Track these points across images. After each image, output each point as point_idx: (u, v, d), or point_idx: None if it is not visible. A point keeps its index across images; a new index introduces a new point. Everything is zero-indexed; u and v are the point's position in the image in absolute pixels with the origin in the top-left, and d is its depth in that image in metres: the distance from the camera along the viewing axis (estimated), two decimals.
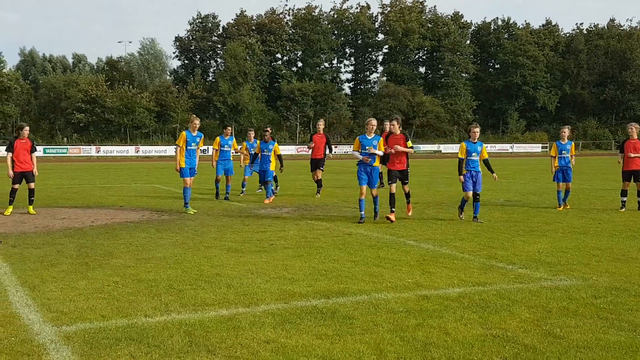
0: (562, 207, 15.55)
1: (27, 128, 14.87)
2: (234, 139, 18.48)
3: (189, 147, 14.77)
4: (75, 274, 8.04)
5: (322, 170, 18.91)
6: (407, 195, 14.02)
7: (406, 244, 10.53)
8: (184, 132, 14.88)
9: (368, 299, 6.90)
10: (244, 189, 19.25)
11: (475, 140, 13.63)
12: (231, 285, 7.43)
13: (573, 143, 16.20)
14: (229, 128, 18.73)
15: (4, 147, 15.67)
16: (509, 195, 19.32)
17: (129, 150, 63.98)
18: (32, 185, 14.71)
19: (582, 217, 14.20)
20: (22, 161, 14.52)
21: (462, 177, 13.50)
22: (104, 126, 72.76)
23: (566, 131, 16.06)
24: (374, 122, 13.59)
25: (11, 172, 14.50)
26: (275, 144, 17.65)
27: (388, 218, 13.06)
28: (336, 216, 14.18)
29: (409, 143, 13.57)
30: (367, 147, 13.15)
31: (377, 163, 13.32)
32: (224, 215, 14.25)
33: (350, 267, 8.57)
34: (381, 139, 13.38)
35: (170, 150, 61.68)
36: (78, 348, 5.27)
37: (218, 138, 18.05)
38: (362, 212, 13.22)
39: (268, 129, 18.23)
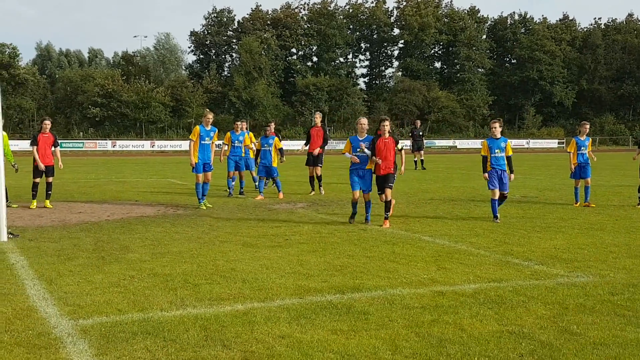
0: (578, 203, 15.35)
1: (48, 122, 14.97)
2: (247, 134, 17.94)
3: (202, 142, 14.48)
4: (92, 267, 8.10)
5: (321, 166, 18.11)
6: (386, 205, 12.19)
7: (421, 239, 10.50)
8: (197, 127, 14.64)
9: (383, 294, 6.89)
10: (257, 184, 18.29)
11: (498, 136, 12.88)
12: (246, 280, 7.45)
13: (590, 139, 16.04)
14: (238, 123, 18.30)
15: (27, 142, 15.76)
16: (525, 191, 19.19)
17: (145, 145, 64.22)
18: (51, 179, 14.84)
19: (599, 213, 14.08)
20: (44, 155, 14.65)
21: (486, 174, 12.81)
22: (119, 121, 73.08)
23: (587, 127, 15.92)
24: (365, 121, 12.65)
25: (42, 165, 14.58)
26: (276, 138, 17.39)
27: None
28: (351, 212, 14.14)
29: (399, 146, 12.38)
30: (358, 150, 12.27)
31: (369, 166, 12.29)
32: (239, 211, 14.28)
33: (365, 262, 8.56)
34: (373, 140, 12.30)
35: (185, 145, 61.75)
36: (95, 341, 5.30)
37: (229, 133, 17.79)
38: (355, 210, 12.51)
39: (271, 124, 18.03)
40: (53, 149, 14.83)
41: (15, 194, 16.50)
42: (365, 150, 12.13)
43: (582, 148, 15.50)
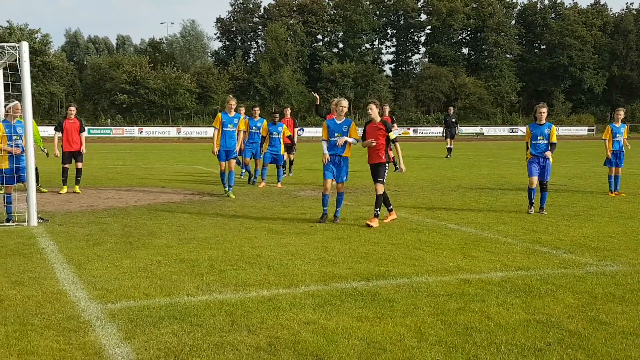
0: (614, 193, 15.02)
1: (73, 108, 15.13)
2: (242, 118, 17.39)
3: (225, 129, 14.11)
4: (120, 252, 8.18)
5: (294, 153, 19.22)
6: (377, 199, 10.70)
7: (447, 227, 10.44)
8: (219, 114, 14.28)
9: (409, 282, 6.86)
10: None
11: (542, 122, 12.13)
12: (271, 267, 7.47)
13: (626, 126, 15.71)
14: (257, 109, 17.92)
15: (53, 127, 15.88)
16: (553, 178, 18.91)
17: (171, 132, 64.58)
18: (80, 165, 15.01)
19: (630, 201, 13.87)
20: (71, 141, 14.82)
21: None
22: (146, 107, 73.63)
23: (621, 113, 15.57)
24: (345, 103, 10.94)
25: (57, 152, 14.83)
26: (284, 125, 17.01)
27: (368, 225, 10.40)
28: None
29: (391, 135, 10.81)
30: (336, 134, 10.82)
31: (347, 153, 10.92)
32: (264, 197, 14.32)
33: (391, 250, 8.53)
34: (352, 123, 10.91)
35: (210, 131, 62.16)
36: (123, 325, 5.36)
37: (247, 120, 16.76)
38: (325, 208, 11.02)
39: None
40: (80, 134, 14.97)
41: (45, 179, 16.74)
42: (349, 139, 10.75)
43: (618, 135, 15.18)
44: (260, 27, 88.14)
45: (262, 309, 5.86)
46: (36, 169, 13.65)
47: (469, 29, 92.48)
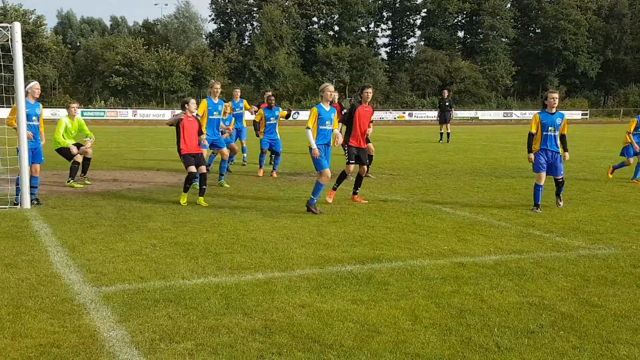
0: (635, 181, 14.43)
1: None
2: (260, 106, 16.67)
3: (210, 117, 12.81)
4: (114, 235, 8.18)
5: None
6: (358, 179, 11.03)
7: (442, 211, 10.46)
8: (204, 100, 12.93)
9: (403, 265, 6.89)
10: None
11: (553, 111, 10.59)
12: (267, 250, 7.48)
13: None
14: (237, 90, 17.11)
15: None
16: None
17: (165, 114, 64.14)
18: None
19: (623, 185, 13.92)
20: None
21: (531, 155, 10.62)
22: (140, 89, 73.30)
23: None
24: (332, 88, 10.59)
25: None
26: (281, 109, 16.02)
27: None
28: (371, 183, 14.12)
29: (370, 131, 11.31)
30: (326, 122, 10.35)
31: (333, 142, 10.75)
32: (260, 181, 14.31)
33: (386, 233, 8.55)
34: (336, 112, 10.70)
35: None
36: (117, 308, 5.37)
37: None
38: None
39: (274, 94, 16.83)
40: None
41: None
42: (337, 133, 10.70)
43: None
44: (255, 9, 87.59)
45: (257, 292, 5.87)
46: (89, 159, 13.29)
47: (465, 13, 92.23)
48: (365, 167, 11.03)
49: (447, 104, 30.10)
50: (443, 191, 12.81)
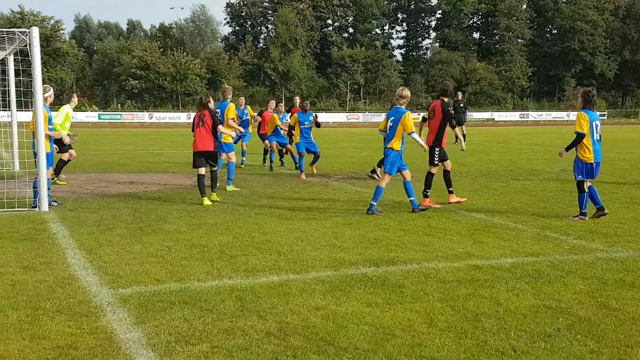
0: None
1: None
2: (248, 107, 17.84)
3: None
4: (130, 238, 8.23)
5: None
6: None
7: (457, 213, 10.42)
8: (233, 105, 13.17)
9: (418, 267, 6.87)
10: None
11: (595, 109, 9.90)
12: (281, 252, 7.49)
13: None
14: (242, 98, 17.84)
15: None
16: (564, 164, 18.84)
17: (181, 117, 64.57)
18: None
19: None
20: None
21: (564, 152, 10.19)
22: (156, 93, 73.71)
23: None
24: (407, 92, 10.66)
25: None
26: (314, 113, 16.35)
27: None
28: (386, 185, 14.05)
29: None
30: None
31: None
32: (274, 183, 14.34)
33: (400, 235, 8.53)
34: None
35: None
36: (134, 310, 5.40)
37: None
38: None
39: (303, 99, 17.97)
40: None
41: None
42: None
43: None
44: (270, 12, 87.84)
45: (272, 294, 5.88)
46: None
47: (480, 14, 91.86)
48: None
49: (461, 105, 30.05)
50: (458, 193, 12.72)
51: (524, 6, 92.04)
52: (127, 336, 4.83)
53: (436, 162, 11.35)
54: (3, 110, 15.69)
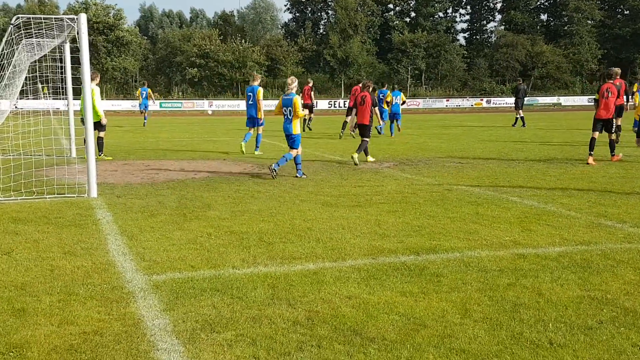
0: None
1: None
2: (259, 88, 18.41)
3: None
4: (172, 224, 8.25)
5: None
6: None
7: (509, 200, 10.07)
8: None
9: (460, 256, 6.64)
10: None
11: None
12: (320, 240, 7.36)
13: None
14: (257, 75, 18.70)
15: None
16: (629, 149, 18.07)
17: (240, 105, 64.83)
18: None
19: None
20: None
21: None
22: (216, 81, 74.54)
23: None
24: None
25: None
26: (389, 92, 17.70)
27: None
28: (438, 171, 13.79)
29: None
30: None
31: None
32: (323, 170, 14.21)
33: (446, 223, 8.28)
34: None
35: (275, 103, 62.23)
36: (164, 297, 5.38)
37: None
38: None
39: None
40: None
41: (110, 150, 17.13)
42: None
43: None
44: None
45: (305, 282, 5.77)
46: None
47: None
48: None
49: (524, 87, 32.44)
50: (512, 179, 12.35)
51: None
52: (154, 322, 4.80)
53: (613, 131, 14.95)
54: (62, 99, 16.04)
